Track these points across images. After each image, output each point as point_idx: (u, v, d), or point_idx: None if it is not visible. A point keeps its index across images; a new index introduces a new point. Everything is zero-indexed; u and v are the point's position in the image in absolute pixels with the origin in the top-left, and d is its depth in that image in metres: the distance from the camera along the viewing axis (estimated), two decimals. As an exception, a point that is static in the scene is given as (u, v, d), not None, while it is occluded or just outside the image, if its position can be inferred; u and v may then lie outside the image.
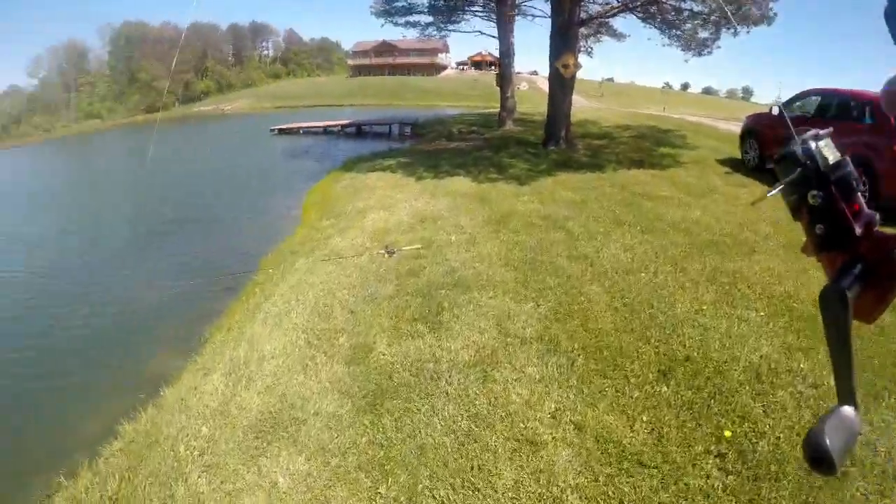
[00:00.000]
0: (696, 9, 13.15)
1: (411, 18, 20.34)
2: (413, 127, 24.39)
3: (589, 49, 21.00)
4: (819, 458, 0.56)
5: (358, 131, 26.08)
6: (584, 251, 5.97)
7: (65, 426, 4.55)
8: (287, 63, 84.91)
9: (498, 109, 20.98)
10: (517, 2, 18.01)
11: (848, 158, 0.63)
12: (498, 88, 20.26)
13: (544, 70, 15.56)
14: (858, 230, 0.62)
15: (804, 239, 0.67)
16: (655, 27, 15.22)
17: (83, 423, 4.43)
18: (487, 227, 7.23)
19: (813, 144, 0.63)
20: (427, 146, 18.00)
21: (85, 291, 7.64)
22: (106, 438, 3.86)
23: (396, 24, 20.54)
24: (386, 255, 6.37)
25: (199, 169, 19.57)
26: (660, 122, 20.85)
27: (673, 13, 14.30)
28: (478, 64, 69.45)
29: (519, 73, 54.72)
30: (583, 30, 16.87)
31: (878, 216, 0.64)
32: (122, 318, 6.66)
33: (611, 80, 73.48)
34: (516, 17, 19.39)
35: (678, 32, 14.78)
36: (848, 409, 0.60)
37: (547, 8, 15.12)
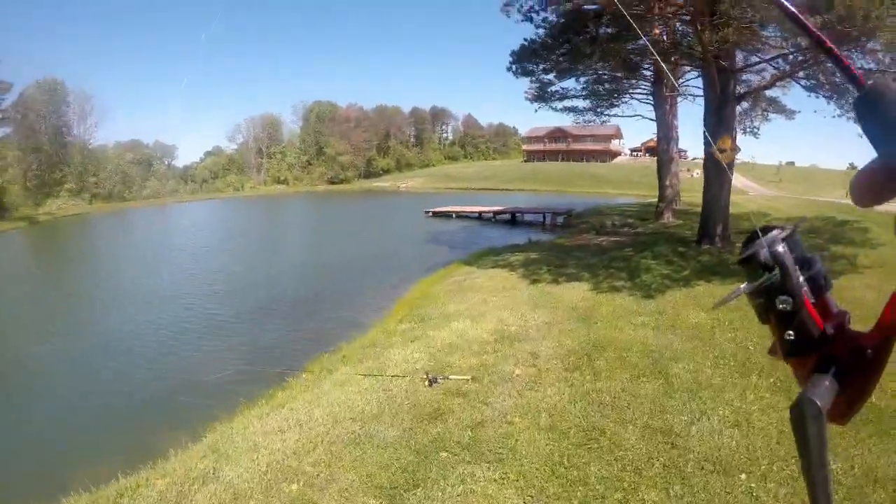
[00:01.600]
0: (866, 66, 10.00)
1: (568, 104, 19.49)
2: (567, 217, 23.03)
3: (755, 130, 17.83)
4: None
5: (512, 219, 25.42)
6: (673, 420, 4.11)
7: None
8: (464, 146, 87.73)
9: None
10: (677, 82, 16.16)
11: (816, 257, 0.58)
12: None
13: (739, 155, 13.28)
14: (830, 331, 0.56)
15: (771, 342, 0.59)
16: (823, 95, 12.17)
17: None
18: (568, 360, 5.67)
19: (780, 247, 0.57)
20: (570, 240, 16.59)
21: (159, 357, 8.15)
22: None
23: (555, 109, 19.84)
24: (427, 383, 5.26)
25: (335, 245, 20.70)
26: (839, 212, 16.38)
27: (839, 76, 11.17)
28: (652, 150, 65.13)
29: (693, 157, 49.89)
30: (744, 107, 14.29)
31: (849, 314, 0.58)
32: (162, 390, 6.71)
33: (792, 163, 62.36)
34: (678, 98, 17.41)
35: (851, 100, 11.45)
36: None
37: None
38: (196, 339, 9.14)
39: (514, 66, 13.70)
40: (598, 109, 19.47)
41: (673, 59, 11.57)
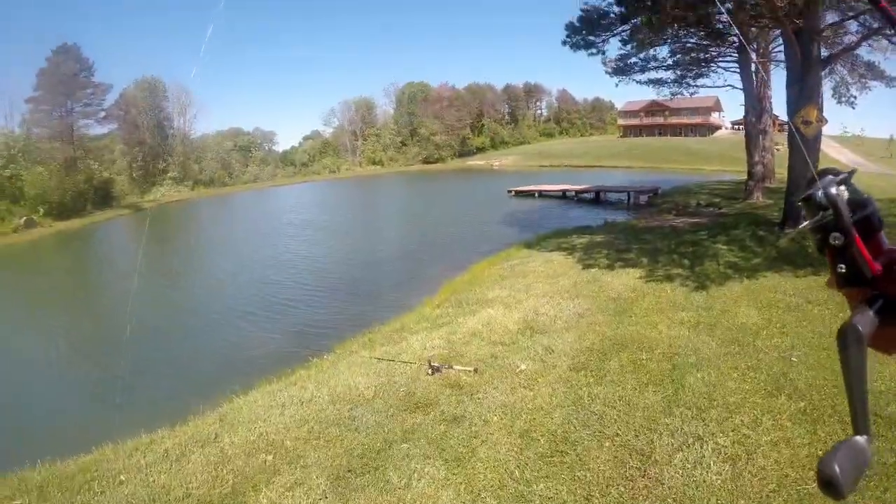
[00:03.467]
0: None
1: (653, 76, 17.50)
2: (651, 196, 21.11)
3: (851, 99, 14.69)
4: (828, 483, 0.53)
5: (595, 198, 23.77)
6: (659, 441, 3.53)
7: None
8: (560, 122, 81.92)
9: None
10: (767, 46, 13.74)
11: (871, 198, 0.61)
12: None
13: (832, 127, 11.33)
14: (879, 269, 0.60)
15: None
16: None
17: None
18: (579, 358, 5.14)
19: (834, 189, 0.61)
20: (647, 220, 15.23)
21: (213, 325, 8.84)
22: None
23: (638, 82, 18.02)
24: (430, 371, 5.07)
25: (411, 226, 20.82)
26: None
27: None
28: None
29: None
30: (841, 74, 11.77)
31: None
32: (208, 364, 7.26)
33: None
34: (771, 65, 14.88)
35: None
36: (860, 439, 0.56)
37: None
38: (254, 319, 9.98)
39: (571, 39, 12.24)
40: (685, 80, 17.24)
41: (743, 19, 9.74)
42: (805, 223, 0.63)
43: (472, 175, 49.29)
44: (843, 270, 0.61)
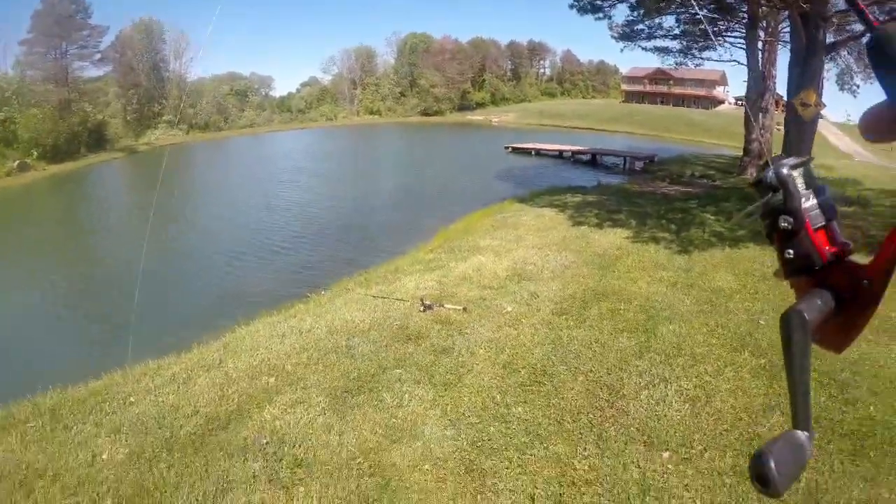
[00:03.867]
0: None
1: (659, 44, 17.17)
2: (647, 163, 21.14)
3: (853, 87, 14.69)
4: (762, 478, 0.51)
5: (592, 160, 23.75)
6: (628, 380, 3.85)
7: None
8: (562, 83, 79.85)
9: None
10: (777, 26, 13.50)
11: (826, 186, 0.59)
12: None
13: (836, 114, 11.35)
14: (828, 258, 0.57)
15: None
16: None
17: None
18: (562, 304, 5.43)
19: (785, 170, 0.58)
20: (640, 186, 15.36)
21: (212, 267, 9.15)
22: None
23: (644, 49, 17.68)
24: (422, 308, 5.34)
25: (408, 176, 20.90)
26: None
27: None
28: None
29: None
30: (848, 62, 11.70)
31: (850, 245, 0.58)
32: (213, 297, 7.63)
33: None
34: (778, 46, 14.69)
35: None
36: (801, 435, 0.53)
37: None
38: (252, 261, 10.21)
39: (578, 2, 11.86)
40: (690, 52, 16.95)
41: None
42: (753, 205, 0.61)
43: (471, 129, 48.46)
44: (791, 256, 0.58)
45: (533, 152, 26.03)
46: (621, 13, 14.95)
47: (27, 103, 31.92)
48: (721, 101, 60.20)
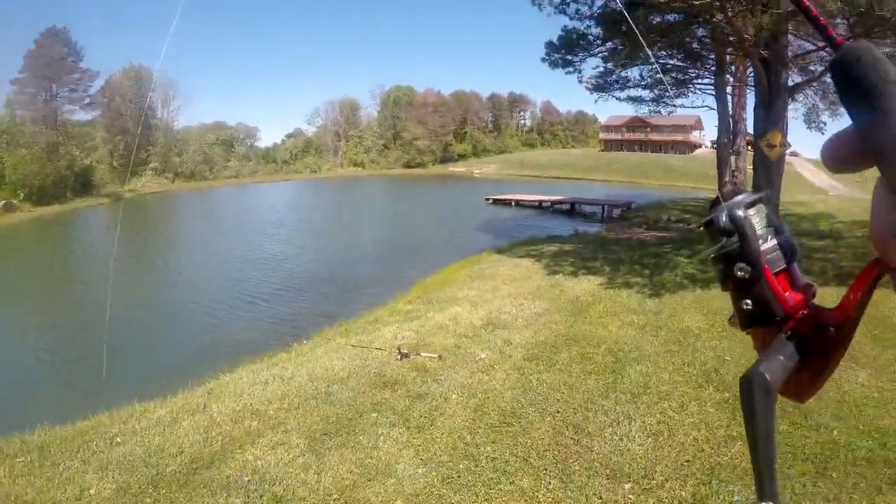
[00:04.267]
0: None
1: (633, 93, 18.19)
2: (624, 210, 21.93)
3: (821, 125, 15.71)
4: None
5: (571, 209, 24.54)
6: (594, 418, 4.01)
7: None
8: (542, 133, 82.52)
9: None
10: (743, 71, 14.55)
11: (785, 224, 0.53)
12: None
13: (809, 150, 11.98)
14: (790, 306, 0.51)
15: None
16: None
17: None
18: (533, 350, 5.62)
19: (741, 212, 0.51)
20: (617, 233, 15.88)
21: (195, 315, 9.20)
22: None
23: (618, 99, 18.58)
24: (399, 357, 5.48)
25: (388, 229, 21.34)
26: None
27: None
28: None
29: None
30: (813, 101, 12.57)
31: (815, 287, 0.52)
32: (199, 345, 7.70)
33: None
34: (746, 89, 15.76)
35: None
36: None
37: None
38: (240, 308, 10.32)
39: (550, 57, 12.80)
40: (662, 100, 18.06)
41: (715, 46, 10.41)
42: (706, 251, 0.55)
43: (453, 181, 49.73)
44: (749, 307, 0.52)
45: (513, 203, 26.77)
46: (592, 65, 15.94)
47: (16, 143, 31.89)
48: (697, 146, 63.05)
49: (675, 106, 19.01)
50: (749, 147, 17.61)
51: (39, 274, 15.29)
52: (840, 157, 0.43)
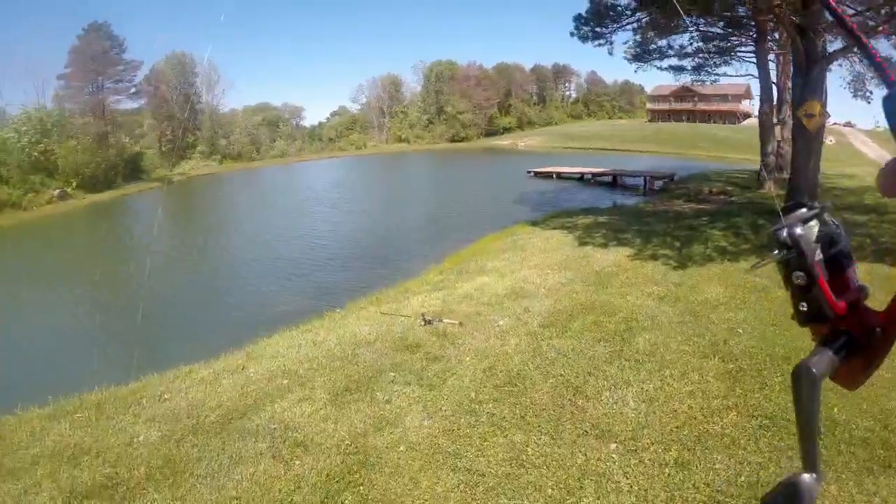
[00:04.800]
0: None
1: (673, 62, 17.38)
2: (667, 182, 21.18)
3: (867, 94, 14.43)
4: None
5: (613, 181, 23.92)
6: (594, 382, 4.23)
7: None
8: (588, 104, 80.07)
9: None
10: (785, 39, 13.55)
11: (842, 233, 0.59)
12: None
13: (864, 121, 11.36)
14: (841, 308, 0.57)
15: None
16: None
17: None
18: (550, 318, 5.83)
19: (798, 230, 0.58)
20: (656, 205, 15.52)
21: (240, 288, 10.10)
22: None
23: (659, 68, 17.90)
24: (423, 323, 5.85)
25: (430, 202, 21.86)
26: None
27: None
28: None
29: (833, 122, 40.83)
30: (857, 69, 11.61)
31: (867, 289, 0.58)
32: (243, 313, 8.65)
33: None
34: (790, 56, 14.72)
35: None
36: (808, 477, 0.56)
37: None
38: (282, 282, 11.09)
39: (579, 30, 12.30)
40: (704, 69, 17.12)
41: (750, 13, 9.76)
42: (766, 258, 0.61)
43: (497, 155, 49.03)
44: (805, 309, 0.58)
45: (554, 176, 26.46)
46: (622, 38, 15.24)
47: (66, 135, 33.19)
48: (747, 115, 58.94)
49: (717, 75, 18.01)
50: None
51: (95, 255, 16.70)
52: (893, 185, 0.47)
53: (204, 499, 2.97)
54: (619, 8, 11.27)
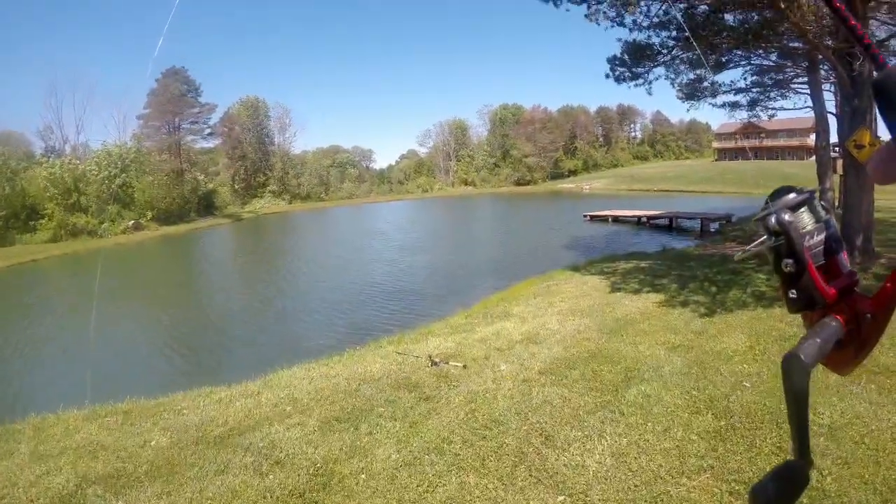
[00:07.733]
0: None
1: (728, 99, 16.47)
2: (724, 223, 19.75)
3: None
4: (758, 501, 0.52)
5: (669, 224, 22.68)
6: (568, 433, 4.09)
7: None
8: (654, 145, 77.17)
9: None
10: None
11: (831, 219, 0.59)
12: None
13: None
14: (832, 295, 0.57)
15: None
16: None
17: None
18: (551, 365, 5.71)
19: (787, 216, 0.57)
20: (706, 248, 14.58)
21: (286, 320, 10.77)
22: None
23: (713, 105, 16.95)
24: (429, 364, 5.98)
25: (482, 246, 21.85)
26: None
27: None
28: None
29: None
30: None
31: (857, 276, 0.58)
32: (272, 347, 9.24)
33: None
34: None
35: None
36: (799, 464, 0.54)
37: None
38: (321, 317, 11.86)
39: (615, 71, 11.94)
40: (759, 103, 16.05)
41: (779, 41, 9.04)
42: (754, 245, 0.59)
43: (560, 198, 48.25)
44: (795, 296, 0.56)
45: (610, 219, 25.67)
46: (655, 75, 14.70)
47: (143, 171, 35.01)
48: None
49: (774, 109, 16.77)
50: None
51: (161, 282, 18.51)
52: (885, 171, 0.46)
53: (186, 497, 3.37)
54: (655, 47, 10.97)
